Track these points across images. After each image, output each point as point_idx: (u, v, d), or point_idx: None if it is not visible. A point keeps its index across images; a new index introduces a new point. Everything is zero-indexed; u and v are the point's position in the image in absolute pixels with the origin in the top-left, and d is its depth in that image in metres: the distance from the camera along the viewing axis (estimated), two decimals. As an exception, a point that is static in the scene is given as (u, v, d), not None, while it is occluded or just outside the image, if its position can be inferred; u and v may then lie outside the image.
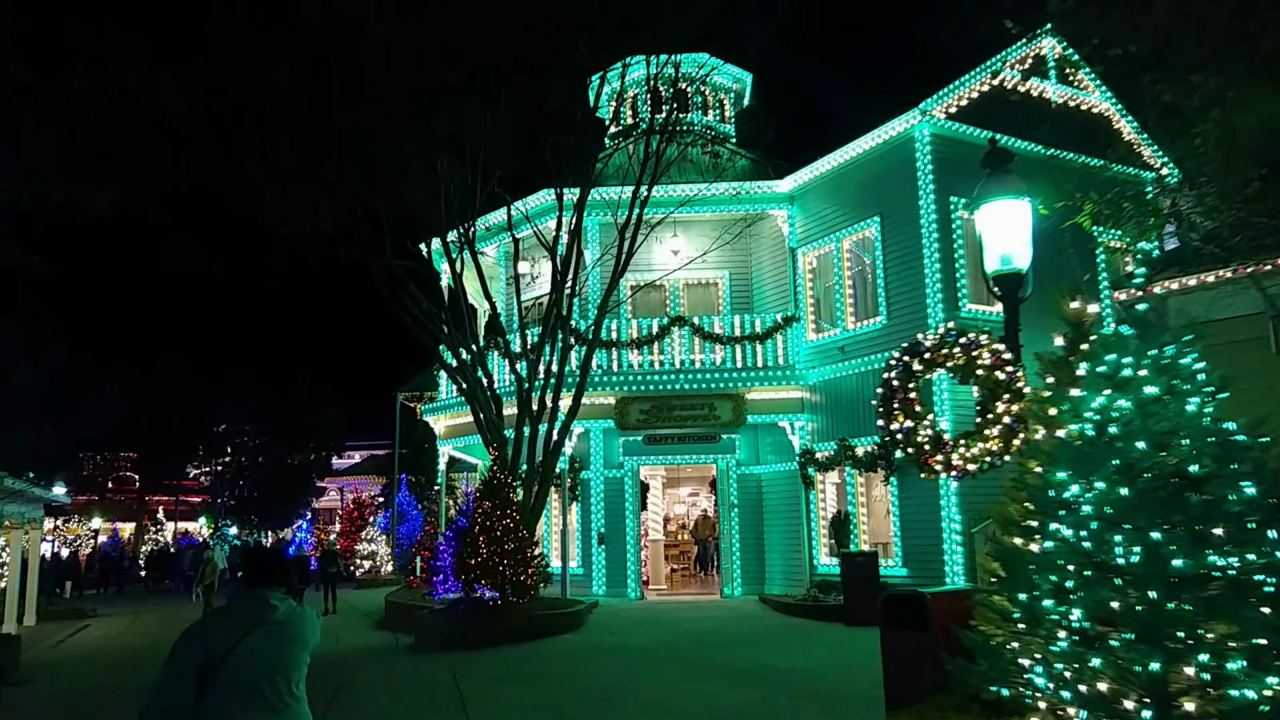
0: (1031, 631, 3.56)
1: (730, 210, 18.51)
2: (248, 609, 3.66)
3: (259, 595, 3.69)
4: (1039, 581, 3.55)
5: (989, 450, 5.53)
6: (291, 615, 3.73)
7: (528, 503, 15.74)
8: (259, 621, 3.60)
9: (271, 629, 3.61)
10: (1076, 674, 3.35)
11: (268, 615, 3.64)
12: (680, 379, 17.67)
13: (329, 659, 14.08)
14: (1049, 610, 3.44)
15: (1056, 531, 3.56)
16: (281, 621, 3.66)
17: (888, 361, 6.04)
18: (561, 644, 13.38)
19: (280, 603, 3.71)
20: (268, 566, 3.81)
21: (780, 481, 18.21)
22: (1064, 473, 3.69)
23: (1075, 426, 3.76)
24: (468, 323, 17.17)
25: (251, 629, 3.56)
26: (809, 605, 15.45)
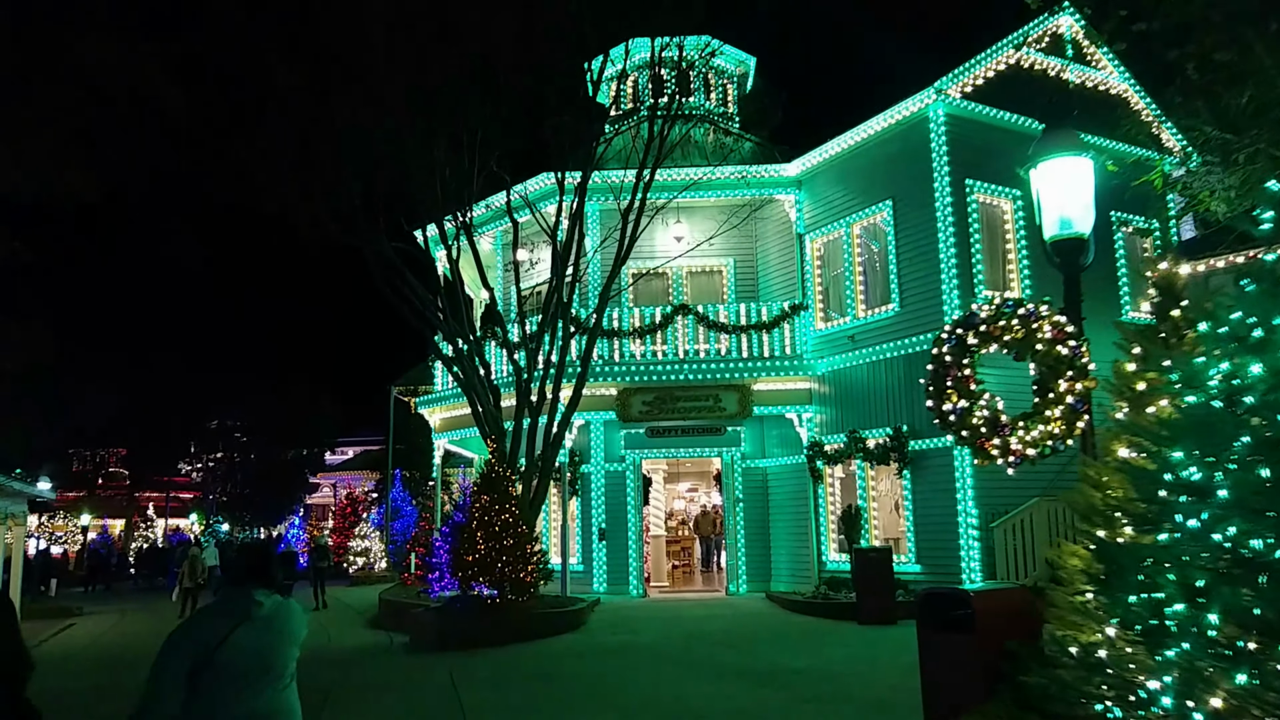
0: (1152, 640, 2.97)
1: (735, 195, 17.91)
2: (234, 605, 3.66)
3: (245, 591, 3.70)
4: (1161, 582, 2.97)
5: (1050, 433, 4.95)
6: (278, 610, 3.73)
7: (527, 497, 15.15)
8: (245, 617, 3.60)
9: (258, 624, 3.62)
10: (1208, 690, 2.78)
11: (254, 611, 3.63)
12: (684, 369, 17.09)
13: (320, 659, 13.47)
14: (1179, 615, 2.86)
15: (1179, 522, 2.97)
16: (268, 616, 3.67)
17: (937, 336, 5.48)
18: (563, 644, 12.80)
19: (266, 598, 3.71)
20: (253, 563, 3.83)
21: (787, 475, 17.64)
22: (1181, 452, 3.10)
23: (1192, 398, 3.18)
24: (464, 311, 16.55)
25: (238, 625, 3.56)
26: (819, 603, 14.90)
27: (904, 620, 13.47)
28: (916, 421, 15.19)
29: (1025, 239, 15.58)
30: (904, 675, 9.60)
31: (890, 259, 15.90)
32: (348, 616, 19.43)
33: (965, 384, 5.23)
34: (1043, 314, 5.05)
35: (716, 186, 17.90)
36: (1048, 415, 4.95)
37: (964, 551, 14.17)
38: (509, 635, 13.14)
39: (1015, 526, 13.20)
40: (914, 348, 15.29)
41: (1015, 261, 15.57)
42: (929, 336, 14.98)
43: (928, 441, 14.98)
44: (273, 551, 4.13)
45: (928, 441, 14.98)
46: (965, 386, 5.22)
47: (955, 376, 5.18)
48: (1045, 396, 5.00)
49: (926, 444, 15.00)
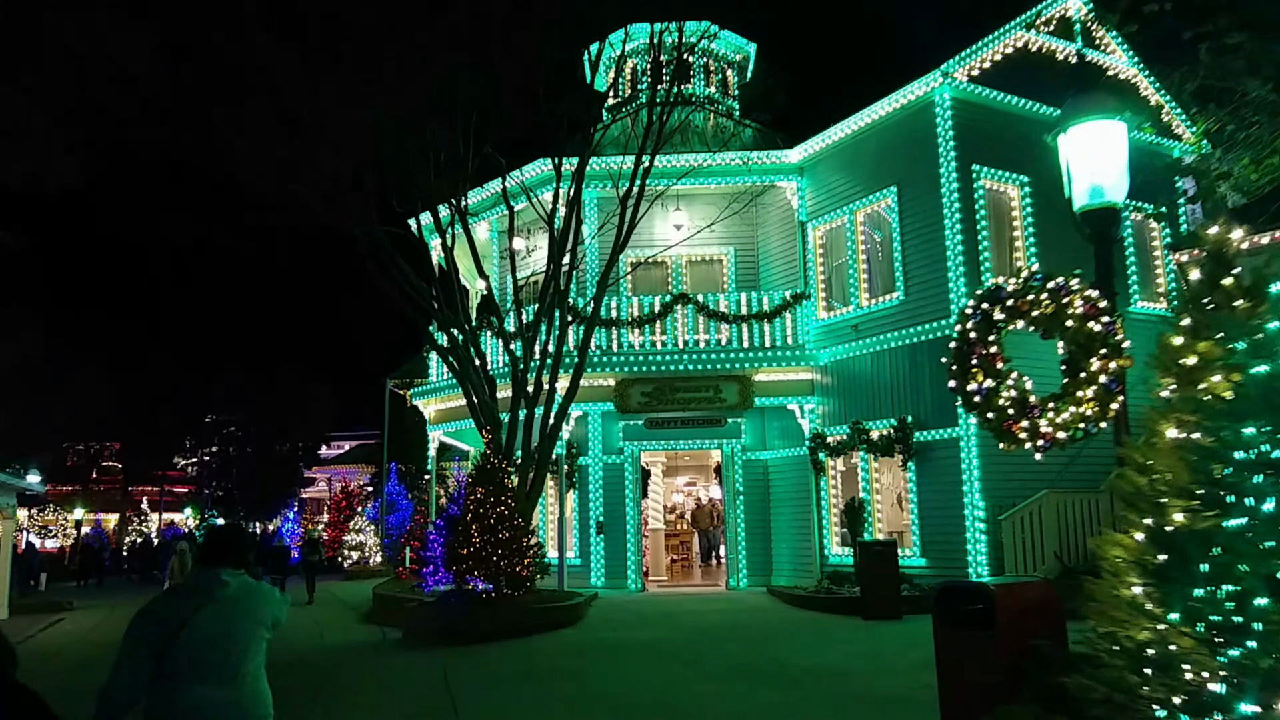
0: (1222, 636, 2.64)
1: (736, 182, 17.56)
2: (199, 586, 3.69)
3: (211, 573, 3.71)
4: (1237, 572, 2.63)
5: (1081, 415, 4.63)
6: (243, 591, 3.74)
7: (523, 489, 14.81)
8: (210, 598, 3.62)
9: (222, 605, 3.63)
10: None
11: (219, 591, 3.65)
12: (684, 359, 16.74)
13: (311, 655, 13.16)
14: (1259, 610, 2.52)
15: (1251, 505, 2.64)
16: (233, 598, 3.67)
17: (961, 311, 5.12)
18: (560, 640, 12.47)
19: (232, 579, 3.72)
20: (221, 545, 3.83)
21: (788, 467, 17.32)
22: (1252, 428, 2.76)
23: (1263, 367, 2.84)
24: (459, 300, 16.18)
25: (202, 606, 3.58)
26: (822, 598, 14.58)
27: (910, 615, 13.18)
28: (922, 412, 14.86)
29: (1033, 226, 15.24)
30: (915, 672, 9.30)
31: (895, 247, 15.56)
32: (341, 612, 19.10)
33: (991, 362, 4.89)
34: (1073, 288, 4.70)
35: (717, 173, 17.54)
36: (1079, 396, 4.60)
37: (970, 545, 13.85)
38: (505, 631, 12.81)
39: (1024, 519, 12.88)
40: (919, 337, 14.96)
41: (1023, 249, 15.23)
42: (934, 325, 14.67)
43: (933, 433, 14.65)
44: (243, 533, 4.09)
45: (933, 433, 14.65)
46: (991, 365, 4.88)
47: (981, 355, 4.83)
48: (1076, 376, 4.67)
49: (932, 435, 14.67)
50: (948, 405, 14.38)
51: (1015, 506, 13.12)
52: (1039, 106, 15.34)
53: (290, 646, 13.88)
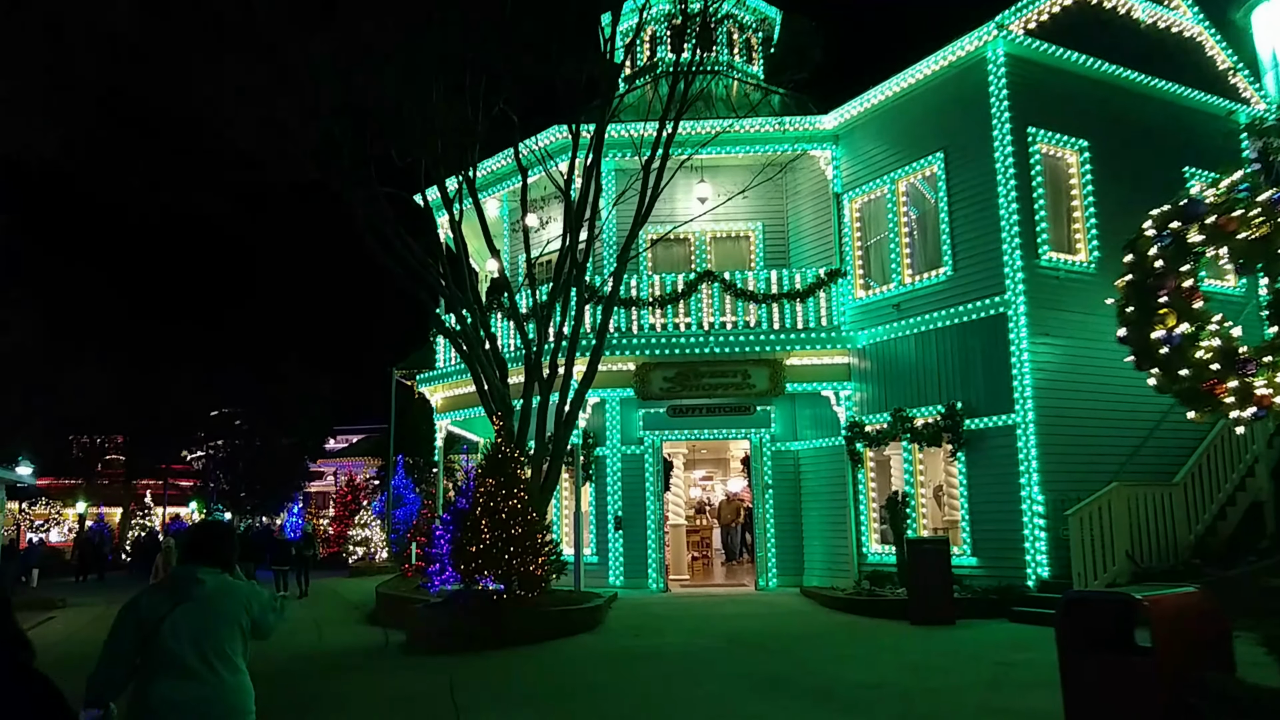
0: None
1: (766, 150, 16.29)
2: (177, 584, 3.74)
3: (189, 571, 3.76)
4: None
5: (1306, 373, 3.32)
6: (220, 589, 3.75)
7: (537, 481, 13.61)
8: (186, 596, 3.67)
9: (199, 603, 3.67)
10: None
11: (195, 590, 3.69)
12: (709, 341, 15.50)
13: (306, 662, 12.01)
14: None
15: None
16: (209, 595, 3.71)
17: (1141, 232, 3.88)
18: (579, 647, 11.28)
19: (209, 577, 3.75)
20: (201, 544, 3.87)
21: (822, 459, 16.07)
22: None
23: None
24: (469, 278, 14.95)
25: (179, 603, 3.64)
26: (863, 600, 13.35)
27: (963, 620, 11.97)
28: (972, 397, 13.59)
29: (1094, 196, 13.95)
30: (989, 692, 8.07)
31: (942, 218, 14.28)
32: (342, 611, 17.97)
33: (1186, 301, 3.62)
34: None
35: (745, 141, 16.28)
36: (1303, 350, 3.33)
37: (1029, 543, 12.59)
38: (517, 636, 11.64)
39: (1092, 514, 11.62)
40: (969, 315, 13.69)
41: (1081, 221, 13.94)
42: (987, 303, 13.42)
43: (985, 420, 13.38)
44: (224, 532, 4.05)
45: (985, 420, 13.38)
46: (1186, 304, 3.61)
47: (1172, 290, 3.56)
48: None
49: (984, 423, 13.40)
50: (1002, 389, 13.12)
51: (1080, 501, 11.83)
52: (1100, 64, 14.06)
53: (286, 649, 12.81)
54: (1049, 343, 13.12)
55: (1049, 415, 12.85)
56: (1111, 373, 13.51)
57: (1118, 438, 13.30)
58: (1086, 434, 13.09)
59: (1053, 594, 11.94)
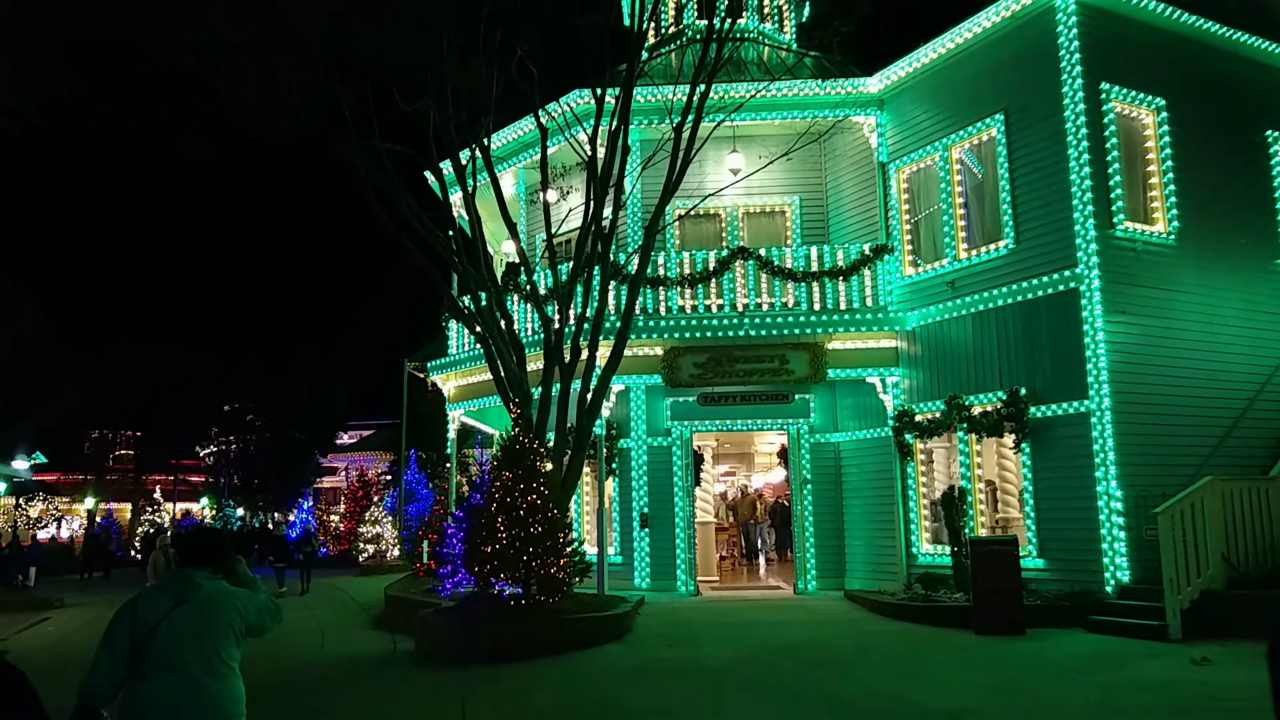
0: None
1: (803, 116, 15.01)
2: (174, 587, 3.76)
3: (186, 574, 3.78)
4: None
5: None
6: (216, 593, 3.78)
7: (558, 475, 12.42)
8: (184, 599, 3.69)
9: (196, 606, 3.69)
10: None
11: (192, 593, 3.71)
12: (744, 324, 14.26)
13: (306, 670, 10.91)
14: None
15: None
16: (206, 599, 3.73)
17: None
18: (606, 660, 10.08)
19: (206, 581, 3.78)
20: (197, 547, 3.87)
21: (866, 451, 14.81)
22: None
23: None
24: (483, 255, 13.74)
25: (176, 605, 3.66)
26: (917, 606, 12.09)
27: (1033, 629, 10.71)
28: (1039, 383, 12.29)
29: (1172, 160, 12.62)
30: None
31: (1002, 186, 12.97)
32: (349, 613, 16.86)
33: None
34: None
35: (781, 106, 15.03)
36: None
37: (1106, 544, 11.29)
38: (537, 646, 10.46)
39: (1183, 512, 10.31)
40: (1035, 291, 12.38)
41: (1159, 188, 12.61)
42: (1056, 278, 12.12)
43: (1054, 407, 12.08)
44: (219, 536, 4.08)
45: (1054, 407, 12.08)
46: None
47: None
48: None
49: (1052, 410, 12.11)
50: (1074, 372, 11.82)
51: (1165, 497, 10.53)
52: (1178, 13, 12.72)
53: (285, 657, 11.73)
54: (1125, 321, 11.81)
55: (1126, 402, 11.54)
56: (1192, 355, 12.25)
57: (1200, 427, 12.00)
58: (1167, 423, 11.78)
59: (1135, 601, 10.68)
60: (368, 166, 12.43)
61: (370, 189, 12.51)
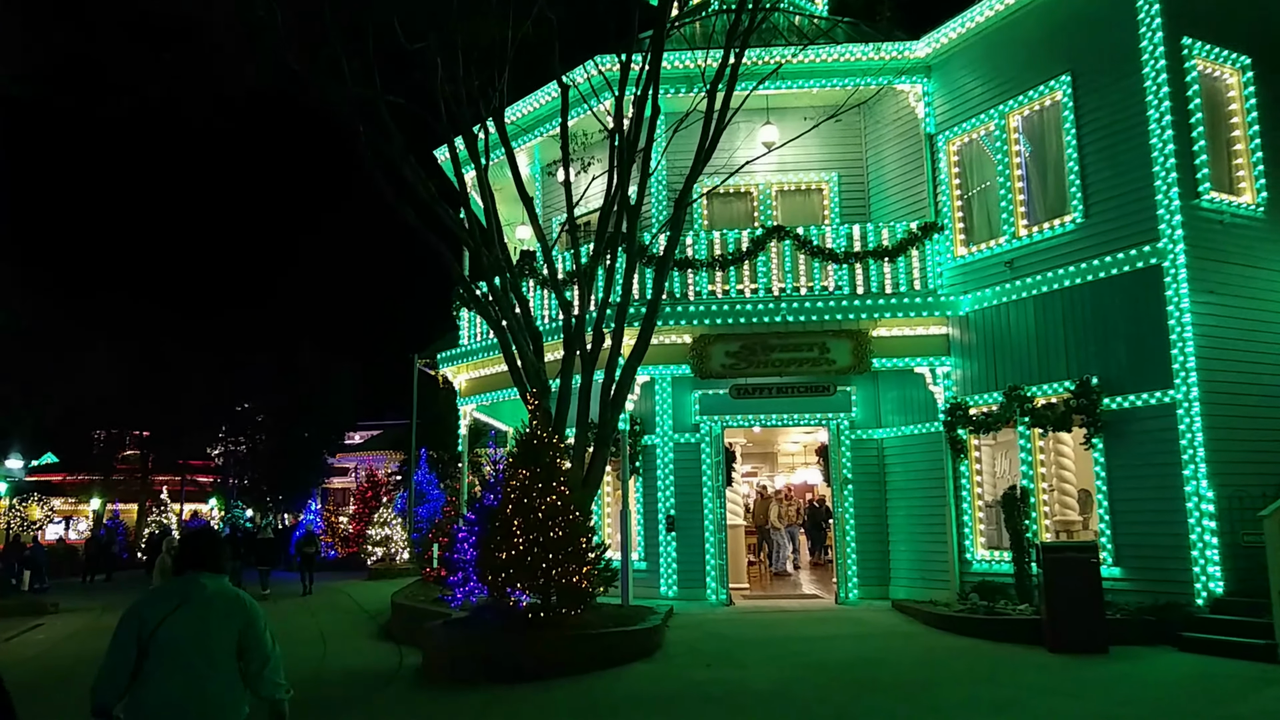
0: None
1: (843, 85, 13.85)
2: (177, 590, 3.83)
3: (189, 577, 3.86)
4: None
5: None
6: (219, 595, 3.83)
7: (579, 473, 11.28)
8: (186, 600, 3.75)
9: (199, 607, 3.75)
10: None
11: (195, 595, 3.78)
12: (781, 309, 13.08)
13: (300, 689, 9.77)
14: None
15: None
16: (209, 600, 3.79)
17: None
18: (635, 681, 8.93)
19: (210, 582, 3.85)
20: (197, 551, 3.92)
21: (912, 448, 13.60)
22: None
23: None
24: (497, 235, 12.60)
25: (179, 607, 3.72)
26: (977, 619, 10.86)
27: (1116, 647, 9.49)
28: (1113, 371, 11.06)
29: (1259, 124, 11.37)
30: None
31: (1069, 154, 11.75)
32: (354, 621, 15.78)
33: None
34: None
35: (820, 74, 13.87)
36: None
37: (1196, 551, 10.05)
38: (557, 665, 9.33)
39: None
40: (1108, 270, 11.16)
41: (1245, 155, 11.35)
42: (1133, 254, 10.91)
43: (1131, 398, 10.85)
44: (218, 539, 4.10)
45: (1131, 398, 10.85)
46: None
47: None
48: None
49: (1129, 401, 10.88)
50: (1155, 359, 10.59)
51: (1265, 498, 9.28)
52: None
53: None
54: (1212, 301, 10.57)
55: (1215, 390, 10.31)
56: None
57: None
58: (1259, 414, 10.54)
59: (1232, 615, 9.44)
60: (367, 128, 11.29)
61: (369, 149, 11.35)
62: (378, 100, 11.23)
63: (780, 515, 18.06)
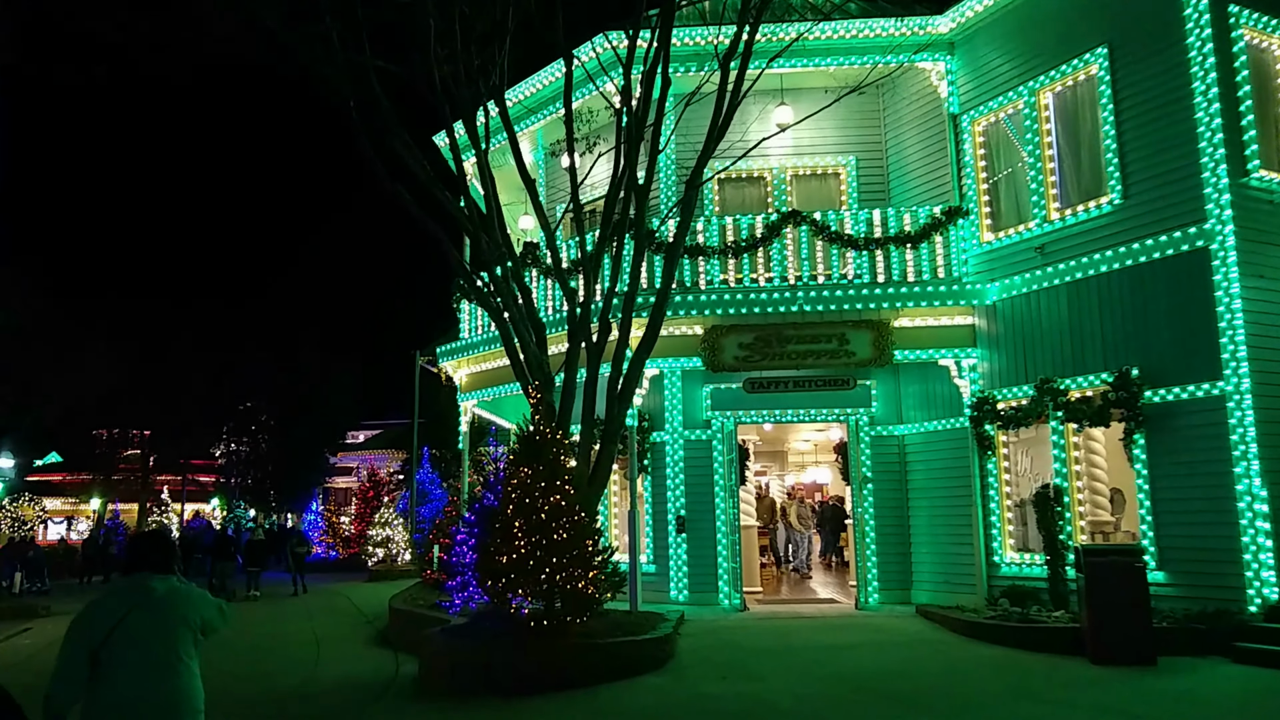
0: None
1: (861, 62, 13.16)
2: (128, 591, 3.82)
3: (138, 578, 3.87)
4: None
5: None
6: (171, 594, 3.85)
7: (585, 471, 10.62)
8: (138, 602, 3.75)
9: (151, 608, 3.76)
10: None
11: (148, 596, 3.79)
12: (798, 298, 12.39)
13: (282, 705, 9.15)
14: None
15: None
16: (161, 600, 3.80)
17: None
18: (646, 695, 8.26)
19: (160, 584, 3.86)
20: (146, 552, 3.97)
21: (935, 445, 12.91)
22: None
23: None
24: (498, 220, 11.92)
25: (132, 609, 3.73)
26: (1011, 627, 10.15)
27: (1164, 658, 8.79)
28: (1154, 361, 10.36)
29: (1309, 98, 10.67)
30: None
31: (1106, 132, 11.04)
32: (351, 626, 15.13)
33: None
34: None
35: (837, 51, 13.19)
36: None
37: (1249, 555, 9.35)
38: (562, 677, 8.67)
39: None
40: (1149, 254, 10.46)
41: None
42: (1176, 237, 10.19)
43: (1176, 390, 10.15)
44: (168, 540, 4.11)
45: (1176, 390, 10.15)
46: None
47: None
48: None
49: (1174, 394, 10.17)
50: (1203, 348, 9.89)
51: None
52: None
53: (269, 679, 10.10)
54: (1263, 286, 9.87)
55: (1269, 382, 9.61)
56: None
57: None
58: (1313, 408, 9.83)
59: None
60: (359, 104, 10.61)
61: (361, 125, 10.67)
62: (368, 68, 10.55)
63: (799, 516, 17.38)
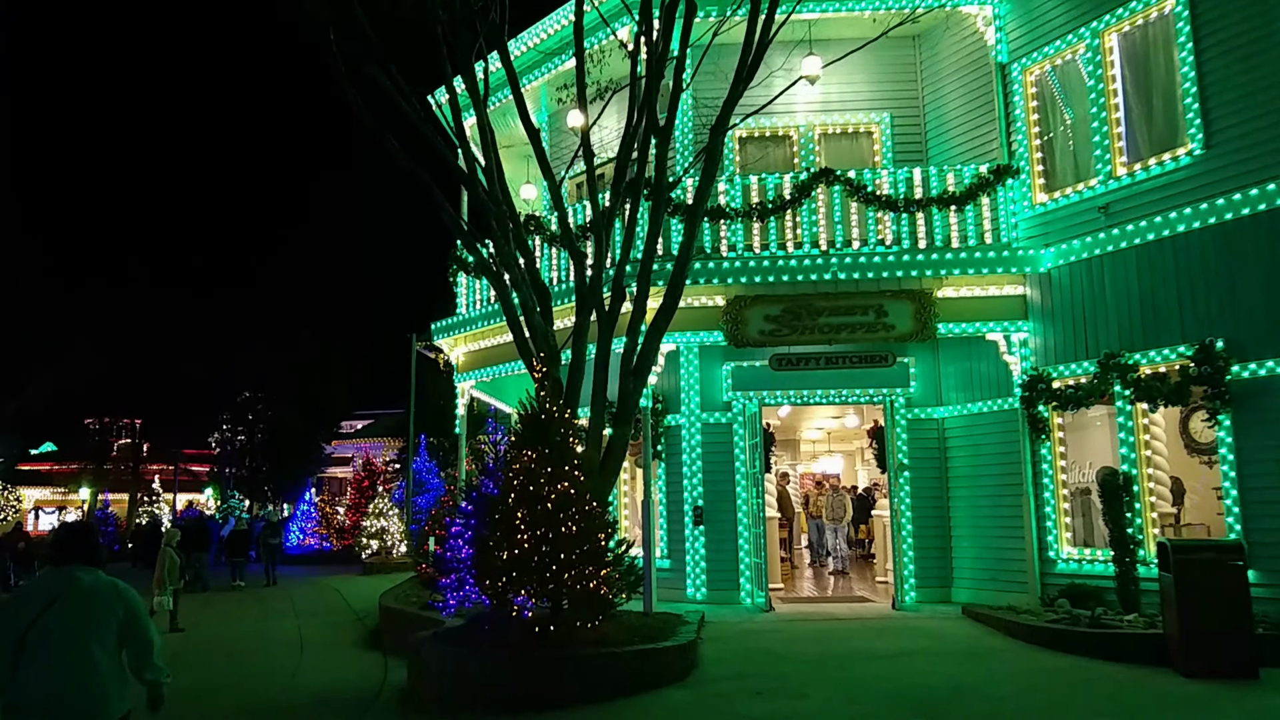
0: None
1: (898, 7, 11.91)
2: (51, 584, 3.81)
3: (63, 571, 3.84)
4: None
5: None
6: (94, 586, 3.83)
7: (595, 456, 9.42)
8: (61, 595, 3.73)
9: (75, 601, 3.74)
10: None
11: (72, 588, 3.77)
12: (830, 265, 11.17)
13: (257, 716, 8.00)
14: None
15: None
16: (86, 593, 3.79)
17: None
18: (668, 714, 7.09)
19: (85, 575, 3.84)
20: (71, 544, 3.95)
21: (979, 428, 11.71)
22: None
23: None
24: (498, 178, 10.68)
25: (54, 601, 3.71)
26: (1080, 633, 8.96)
27: (1266, 670, 7.60)
28: (1244, 331, 9.15)
29: None
30: None
31: (1183, 74, 9.80)
32: (338, 626, 13.97)
33: None
34: None
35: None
36: None
37: (1358, 551, 8.17)
38: (571, 691, 7.51)
39: None
40: (1237, 211, 9.23)
41: (1399, 72, 9.40)
42: (1271, 189, 8.93)
43: (1270, 364, 8.94)
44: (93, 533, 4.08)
45: (1270, 364, 8.94)
46: None
47: None
48: None
49: (1266, 368, 8.97)
50: (1303, 316, 8.68)
51: None
52: None
53: (241, 690, 9.04)
54: None
55: (1378, 355, 8.41)
56: None
57: None
58: None
59: None
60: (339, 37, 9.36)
61: (337, 54, 9.41)
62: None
63: (830, 507, 16.23)
